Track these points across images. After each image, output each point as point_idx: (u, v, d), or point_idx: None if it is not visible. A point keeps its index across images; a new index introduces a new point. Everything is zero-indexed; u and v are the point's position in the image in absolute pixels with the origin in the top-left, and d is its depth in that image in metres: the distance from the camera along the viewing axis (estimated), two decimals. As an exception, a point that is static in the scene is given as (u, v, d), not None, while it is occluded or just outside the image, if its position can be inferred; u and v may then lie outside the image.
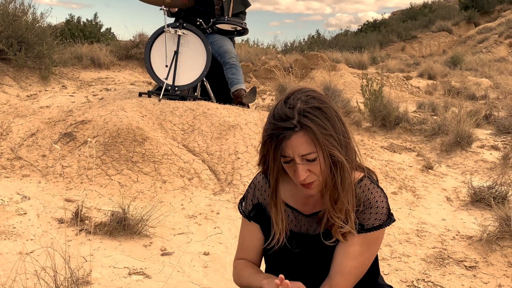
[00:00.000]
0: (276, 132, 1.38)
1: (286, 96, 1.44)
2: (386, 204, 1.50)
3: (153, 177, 3.49)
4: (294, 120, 1.36)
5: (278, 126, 1.37)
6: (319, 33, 24.07)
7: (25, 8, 6.51)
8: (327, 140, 1.37)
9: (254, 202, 1.66)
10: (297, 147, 1.37)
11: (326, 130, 1.38)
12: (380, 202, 1.49)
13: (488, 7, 27.65)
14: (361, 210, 1.48)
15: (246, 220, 1.69)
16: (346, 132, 1.44)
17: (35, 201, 3.14)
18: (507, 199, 3.71)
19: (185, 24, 4.78)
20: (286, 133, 1.36)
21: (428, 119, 5.93)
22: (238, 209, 1.73)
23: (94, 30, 11.26)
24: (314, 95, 1.43)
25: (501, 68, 14.80)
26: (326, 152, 1.38)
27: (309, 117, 1.37)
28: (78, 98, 5.02)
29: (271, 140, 1.39)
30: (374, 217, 1.48)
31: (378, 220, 1.49)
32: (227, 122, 4.14)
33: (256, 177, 1.69)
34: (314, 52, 9.61)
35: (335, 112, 1.43)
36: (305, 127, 1.36)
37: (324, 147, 1.37)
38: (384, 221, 1.50)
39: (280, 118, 1.38)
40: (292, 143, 1.37)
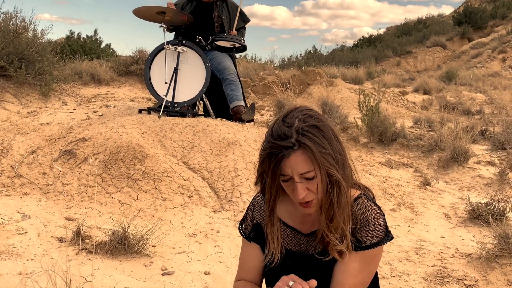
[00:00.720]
0: (275, 151, 1.36)
1: (284, 114, 1.43)
2: (383, 222, 1.49)
3: (153, 195, 3.46)
4: (292, 139, 1.35)
5: (277, 145, 1.36)
6: (315, 48, 24.17)
7: (25, 25, 6.52)
8: (325, 158, 1.36)
9: (254, 222, 1.64)
10: (296, 166, 1.36)
11: (324, 149, 1.37)
12: (377, 220, 1.48)
13: (481, 22, 27.87)
14: (358, 228, 1.47)
15: (246, 241, 1.67)
16: (342, 150, 1.44)
17: (35, 219, 3.11)
18: (505, 215, 3.70)
19: (185, 41, 4.78)
20: (285, 151, 1.35)
21: (424, 134, 5.92)
22: (239, 230, 1.71)
23: (94, 46, 11.27)
24: (311, 113, 1.43)
25: (495, 82, 14.86)
26: (324, 170, 1.37)
27: (307, 136, 1.36)
28: (78, 115, 5.00)
29: (270, 159, 1.38)
30: (371, 234, 1.46)
31: (376, 237, 1.47)
32: (226, 138, 4.12)
33: (254, 198, 1.67)
34: (311, 68, 9.62)
35: (332, 131, 1.43)
36: (304, 145, 1.35)
37: (322, 165, 1.36)
38: (382, 238, 1.48)
39: (278, 137, 1.37)
40: (291, 162, 1.36)
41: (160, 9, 4.63)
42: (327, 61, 19.62)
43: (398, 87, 13.66)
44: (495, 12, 29.02)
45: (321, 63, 17.89)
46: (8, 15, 6.42)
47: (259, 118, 6.88)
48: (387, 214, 3.73)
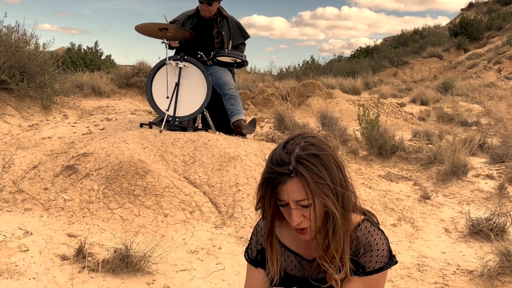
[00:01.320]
0: (272, 176, 1.38)
1: (286, 140, 1.44)
2: (387, 247, 1.48)
3: (154, 211, 3.43)
4: (290, 166, 1.36)
5: (275, 170, 1.38)
6: (313, 59, 24.18)
7: (27, 38, 6.51)
8: (320, 189, 1.36)
9: (258, 248, 1.64)
10: (291, 193, 1.37)
11: (322, 179, 1.37)
12: (380, 245, 1.47)
13: (477, 33, 27.99)
14: (362, 253, 1.47)
15: (252, 266, 1.66)
16: (343, 179, 1.44)
17: (37, 236, 3.08)
18: (505, 231, 3.68)
19: (186, 56, 4.79)
20: (281, 178, 1.37)
21: (423, 147, 5.91)
22: (244, 257, 1.70)
23: (95, 58, 11.26)
24: (313, 141, 1.42)
25: (490, 93, 14.90)
26: (319, 200, 1.37)
27: (305, 165, 1.36)
28: (80, 128, 4.98)
29: (267, 183, 1.40)
30: (375, 260, 1.46)
31: (379, 262, 1.46)
32: (227, 153, 4.11)
33: (258, 224, 1.67)
34: (310, 80, 9.63)
35: (334, 159, 1.42)
36: (300, 174, 1.35)
37: (317, 196, 1.36)
38: (386, 264, 1.47)
39: (277, 163, 1.38)
40: (287, 189, 1.37)
41: (162, 25, 4.63)
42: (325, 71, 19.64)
43: (395, 97, 13.67)
44: (490, 23, 29.14)
45: (319, 73, 17.90)
46: (9, 29, 6.41)
47: (259, 130, 6.86)
48: (388, 229, 3.72)
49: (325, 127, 6.79)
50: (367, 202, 3.98)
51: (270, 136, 6.12)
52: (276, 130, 6.61)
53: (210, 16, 5.15)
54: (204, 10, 5.07)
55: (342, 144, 6.06)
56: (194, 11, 5.22)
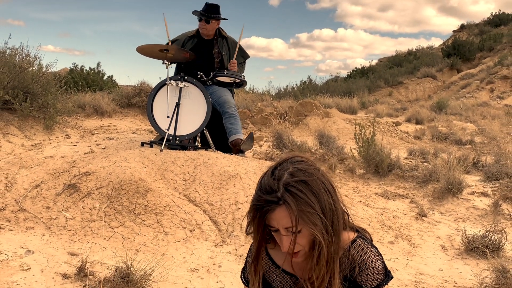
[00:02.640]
0: (260, 204, 1.36)
1: (275, 165, 1.42)
2: (381, 263, 1.46)
3: (155, 229, 3.41)
4: (278, 193, 1.33)
5: (263, 198, 1.35)
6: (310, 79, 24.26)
7: (31, 59, 6.54)
8: (308, 217, 1.34)
9: None
10: (280, 220, 1.35)
11: (309, 207, 1.34)
12: (375, 262, 1.45)
13: (469, 54, 28.20)
14: (358, 272, 1.44)
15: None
16: (333, 203, 1.40)
17: (39, 255, 3.05)
18: (501, 248, 3.66)
19: (186, 77, 4.80)
20: (270, 206, 1.34)
21: (419, 166, 5.91)
22: (241, 278, 1.70)
23: (97, 78, 11.30)
24: (302, 166, 1.40)
25: (484, 112, 14.97)
26: (307, 228, 1.35)
27: (293, 192, 1.34)
28: (82, 148, 4.97)
29: (256, 211, 1.38)
30: (371, 277, 1.44)
31: (376, 280, 1.45)
32: (227, 172, 4.10)
33: (252, 245, 1.63)
34: (308, 99, 9.66)
35: (322, 184, 1.39)
36: (287, 203, 1.33)
37: (305, 223, 1.34)
38: (382, 280, 1.45)
39: (265, 190, 1.36)
40: (276, 216, 1.35)
41: (163, 47, 4.66)
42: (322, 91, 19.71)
43: (391, 116, 13.71)
44: (482, 44, 29.39)
45: (316, 93, 17.96)
46: (13, 50, 6.45)
47: (258, 149, 6.86)
48: (386, 247, 3.69)
49: (322, 145, 6.78)
50: (364, 219, 3.96)
51: (269, 154, 6.12)
52: (274, 148, 6.60)
53: (210, 35, 5.18)
54: (203, 28, 5.11)
55: (339, 162, 6.05)
56: (195, 31, 5.25)
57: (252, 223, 1.42)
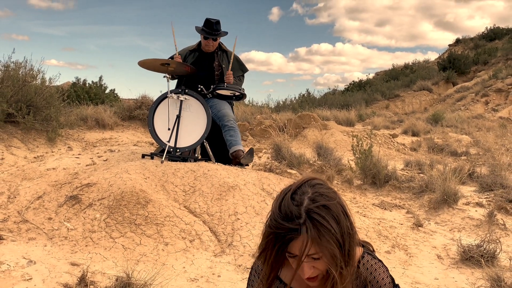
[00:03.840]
0: (282, 232, 1.30)
1: (294, 189, 1.36)
2: (390, 278, 1.46)
3: (155, 240, 3.41)
4: (301, 220, 1.28)
5: (285, 226, 1.29)
6: (309, 92, 24.37)
7: (34, 73, 6.57)
8: (329, 243, 1.30)
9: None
10: (303, 248, 1.30)
11: (331, 233, 1.31)
12: (385, 278, 1.45)
13: (464, 68, 28.32)
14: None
15: None
16: (350, 226, 1.37)
17: (40, 265, 3.05)
18: (495, 257, 3.66)
19: (187, 90, 4.83)
20: (292, 234, 1.29)
21: (415, 177, 5.92)
22: None
23: (99, 92, 11.33)
24: (322, 190, 1.36)
25: (479, 124, 15.00)
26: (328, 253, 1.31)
27: (316, 219, 1.29)
28: (83, 160, 4.98)
29: (276, 238, 1.31)
30: None
31: None
32: (226, 183, 4.10)
33: (258, 265, 1.59)
34: (306, 112, 9.69)
35: (342, 207, 1.36)
36: (310, 230, 1.28)
37: (327, 249, 1.30)
38: None
39: (286, 217, 1.30)
40: (299, 244, 1.30)
41: (164, 61, 4.69)
42: (320, 104, 19.78)
43: (387, 128, 13.75)
44: (477, 58, 29.54)
45: (314, 106, 18.02)
46: (17, 64, 6.48)
47: (257, 160, 6.87)
48: (382, 256, 3.69)
49: (320, 157, 6.80)
50: (362, 230, 3.96)
51: (268, 166, 6.12)
52: (273, 160, 6.61)
53: (212, 50, 5.22)
54: (209, 45, 5.14)
55: (337, 173, 6.06)
56: (196, 46, 5.29)
57: (269, 251, 1.35)
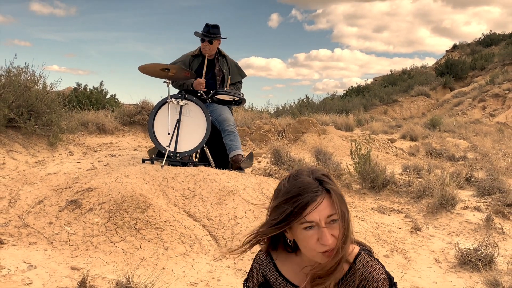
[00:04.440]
0: (300, 196, 1.34)
1: (295, 171, 1.42)
2: (386, 275, 1.45)
3: (155, 244, 3.40)
4: (315, 185, 1.35)
5: (303, 189, 1.34)
6: (308, 97, 24.28)
7: (35, 78, 6.56)
8: (343, 204, 1.36)
9: (261, 280, 1.58)
10: (323, 209, 1.33)
11: (341, 196, 1.37)
12: (381, 274, 1.44)
13: (461, 73, 28.34)
14: (366, 285, 1.43)
15: None
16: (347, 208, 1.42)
17: (41, 269, 3.03)
18: (493, 261, 3.65)
19: (187, 95, 4.83)
20: (311, 195, 1.33)
21: (413, 181, 5.90)
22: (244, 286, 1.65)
23: (100, 97, 11.33)
24: (319, 169, 1.44)
25: (476, 129, 15.00)
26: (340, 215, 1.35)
27: (329, 183, 1.36)
28: (84, 164, 4.97)
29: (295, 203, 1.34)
30: None
31: None
32: (226, 187, 4.09)
33: (259, 256, 1.61)
34: (305, 117, 9.69)
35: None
36: (327, 190, 1.34)
37: (341, 210, 1.35)
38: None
39: (302, 184, 1.35)
40: (319, 206, 1.33)
41: (164, 66, 4.69)
42: (319, 109, 19.77)
43: (386, 133, 13.74)
44: (474, 64, 29.56)
45: (313, 111, 18.01)
46: (19, 70, 6.47)
47: (256, 165, 6.86)
48: (381, 260, 3.67)
49: (319, 161, 6.79)
50: (360, 234, 3.95)
51: (267, 170, 6.11)
52: (273, 165, 6.60)
53: (211, 55, 5.23)
54: (206, 48, 5.15)
55: (336, 178, 6.05)
56: (197, 51, 5.29)
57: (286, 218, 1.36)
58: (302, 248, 1.42)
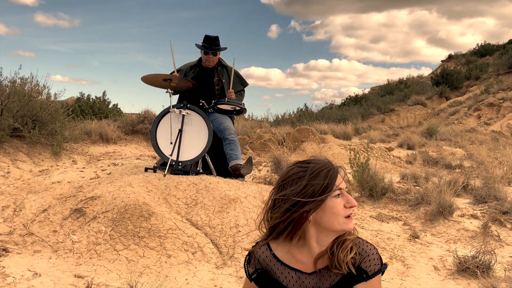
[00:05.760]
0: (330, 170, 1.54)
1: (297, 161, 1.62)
2: (377, 251, 1.59)
3: (158, 252, 3.38)
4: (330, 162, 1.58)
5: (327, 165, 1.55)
6: (306, 106, 24.34)
7: (40, 88, 6.57)
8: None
9: (258, 267, 1.68)
10: (341, 179, 1.56)
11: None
12: (373, 250, 1.58)
13: (457, 83, 28.38)
14: (361, 261, 1.55)
15: (247, 279, 1.72)
16: None
17: (46, 277, 3.02)
18: (491, 268, 3.64)
19: (189, 105, 4.83)
20: (335, 168, 1.57)
21: (411, 189, 5.90)
22: (244, 265, 1.74)
23: (103, 107, 11.33)
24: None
25: (472, 138, 15.00)
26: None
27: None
28: (88, 173, 4.97)
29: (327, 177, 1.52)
30: (373, 263, 1.55)
31: (377, 265, 1.56)
32: (228, 196, 4.09)
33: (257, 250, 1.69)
34: (304, 126, 9.69)
35: None
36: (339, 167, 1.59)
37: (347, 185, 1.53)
38: (382, 265, 1.57)
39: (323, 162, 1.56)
40: (339, 176, 1.56)
41: (167, 76, 4.70)
42: (318, 118, 19.80)
43: (383, 142, 13.75)
44: (469, 73, 29.62)
45: (312, 120, 18.04)
46: (23, 80, 6.48)
47: (257, 173, 6.85)
48: (380, 268, 3.66)
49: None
50: (360, 241, 3.93)
51: (267, 179, 6.11)
52: (273, 173, 6.60)
53: (212, 65, 5.23)
54: (209, 60, 5.16)
55: (335, 186, 6.04)
56: (197, 61, 5.31)
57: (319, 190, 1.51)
58: (328, 220, 1.54)
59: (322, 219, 1.54)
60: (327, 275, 1.57)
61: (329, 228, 1.54)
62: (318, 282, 1.58)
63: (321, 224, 1.54)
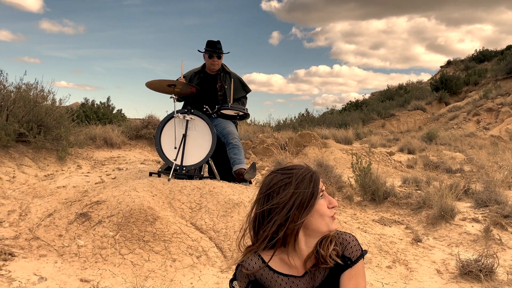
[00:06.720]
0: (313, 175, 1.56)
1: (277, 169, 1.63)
2: (355, 238, 1.64)
3: (163, 256, 3.36)
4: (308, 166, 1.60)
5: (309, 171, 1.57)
6: (308, 111, 24.31)
7: (45, 94, 6.57)
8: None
9: (251, 278, 1.60)
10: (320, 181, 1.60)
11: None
12: (352, 237, 1.63)
13: (456, 88, 28.35)
14: (343, 249, 1.59)
15: None
16: None
17: (51, 281, 3.00)
18: (493, 271, 3.61)
19: (193, 110, 4.82)
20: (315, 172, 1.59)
21: (413, 193, 5.88)
22: (229, 285, 1.69)
23: (107, 112, 11.33)
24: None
25: (471, 142, 14.98)
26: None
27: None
28: (93, 178, 4.95)
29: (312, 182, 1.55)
30: (354, 249, 1.59)
31: (358, 251, 1.60)
32: (231, 200, 4.07)
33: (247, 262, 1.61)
34: (306, 131, 9.68)
35: None
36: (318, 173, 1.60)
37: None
38: (362, 251, 1.61)
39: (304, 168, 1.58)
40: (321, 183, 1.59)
41: (171, 82, 4.69)
42: (319, 123, 19.78)
43: (384, 146, 13.72)
44: (468, 79, 29.59)
45: (313, 124, 18.03)
46: (29, 86, 6.48)
47: (260, 178, 6.83)
48: (384, 271, 3.64)
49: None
50: (363, 245, 3.91)
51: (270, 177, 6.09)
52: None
53: (216, 70, 5.23)
54: (214, 64, 5.16)
55: (337, 190, 6.02)
56: (200, 68, 5.30)
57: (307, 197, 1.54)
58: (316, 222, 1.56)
59: (311, 222, 1.55)
60: (317, 272, 1.59)
61: (317, 230, 1.56)
62: (311, 281, 1.59)
63: (309, 227, 1.56)
